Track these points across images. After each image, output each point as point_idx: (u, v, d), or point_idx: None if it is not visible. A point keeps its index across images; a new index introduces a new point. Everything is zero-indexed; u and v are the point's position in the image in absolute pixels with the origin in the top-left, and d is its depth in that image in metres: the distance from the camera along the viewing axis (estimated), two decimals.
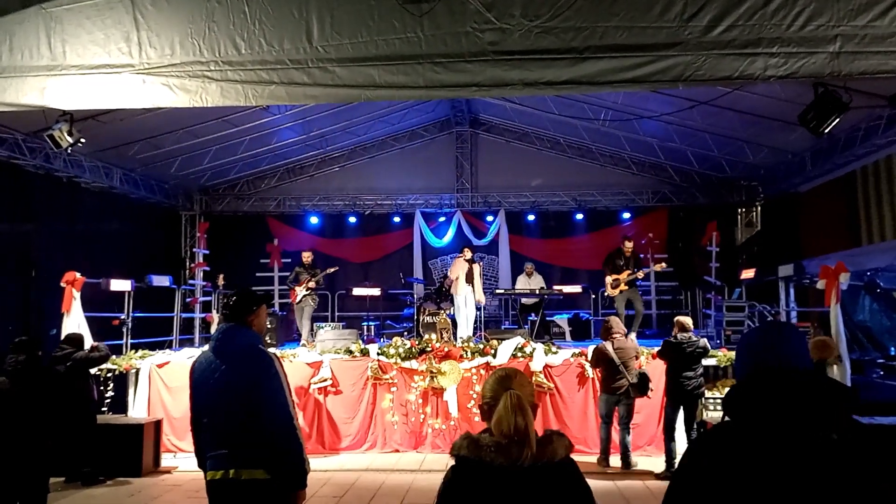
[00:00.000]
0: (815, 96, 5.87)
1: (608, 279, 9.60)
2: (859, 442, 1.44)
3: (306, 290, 9.73)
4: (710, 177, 12.57)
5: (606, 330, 7.06)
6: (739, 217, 13.04)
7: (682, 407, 6.70)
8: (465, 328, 9.47)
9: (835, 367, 6.90)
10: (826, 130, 5.99)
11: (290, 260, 12.70)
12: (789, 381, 1.52)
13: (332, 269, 10.29)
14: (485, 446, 1.86)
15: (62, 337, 7.27)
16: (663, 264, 10.36)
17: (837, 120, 5.89)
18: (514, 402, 1.89)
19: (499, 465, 1.83)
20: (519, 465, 1.82)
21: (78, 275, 7.96)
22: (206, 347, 3.07)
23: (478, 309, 9.94)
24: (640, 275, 9.65)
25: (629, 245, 9.64)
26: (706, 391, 7.09)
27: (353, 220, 13.76)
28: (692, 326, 6.93)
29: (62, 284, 7.93)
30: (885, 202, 9.75)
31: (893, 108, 7.68)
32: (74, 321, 7.84)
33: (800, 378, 1.53)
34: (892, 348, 9.61)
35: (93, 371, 7.10)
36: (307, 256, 10.11)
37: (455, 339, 8.66)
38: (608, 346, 6.90)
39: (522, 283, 11.45)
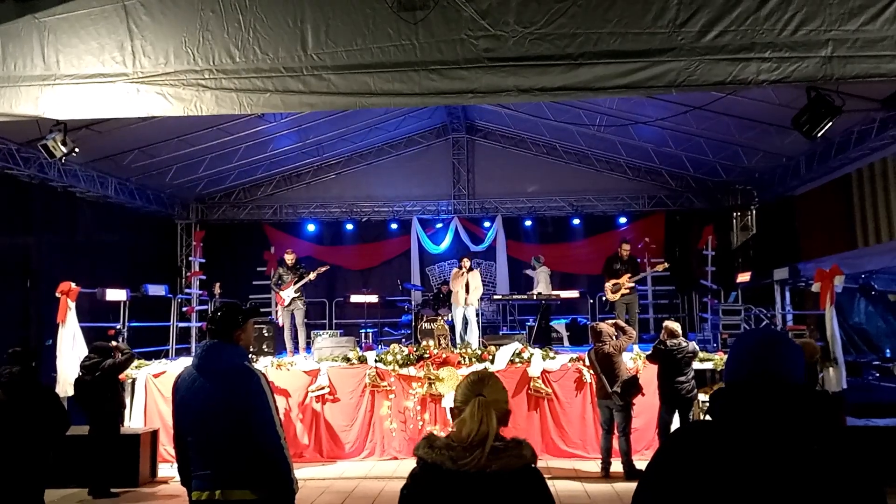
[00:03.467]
0: (808, 100, 5.89)
1: (608, 284, 9.59)
2: (841, 454, 1.43)
3: (295, 292, 9.43)
4: (705, 181, 12.60)
5: (594, 336, 7.10)
6: (735, 221, 13.04)
7: (676, 410, 6.75)
8: (468, 339, 9.17)
9: (830, 369, 6.91)
10: (819, 134, 6.00)
11: None
12: (779, 392, 1.51)
13: (324, 268, 9.84)
14: (437, 448, 1.85)
15: (57, 346, 7.26)
16: (666, 264, 10.29)
17: (830, 124, 5.91)
18: (480, 409, 1.88)
19: (448, 469, 1.81)
20: (466, 471, 1.80)
21: (73, 285, 7.92)
22: (189, 364, 2.98)
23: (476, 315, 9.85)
24: (636, 279, 9.67)
25: (626, 248, 9.65)
26: (701, 394, 7.12)
27: (350, 227, 13.74)
28: (681, 332, 6.97)
29: (57, 295, 7.89)
30: (880, 204, 9.78)
31: (886, 111, 7.72)
32: (70, 331, 7.80)
33: (790, 390, 1.53)
34: (888, 350, 9.62)
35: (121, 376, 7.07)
36: (290, 257, 9.75)
37: (453, 346, 8.63)
38: (592, 353, 7.01)
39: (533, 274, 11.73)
